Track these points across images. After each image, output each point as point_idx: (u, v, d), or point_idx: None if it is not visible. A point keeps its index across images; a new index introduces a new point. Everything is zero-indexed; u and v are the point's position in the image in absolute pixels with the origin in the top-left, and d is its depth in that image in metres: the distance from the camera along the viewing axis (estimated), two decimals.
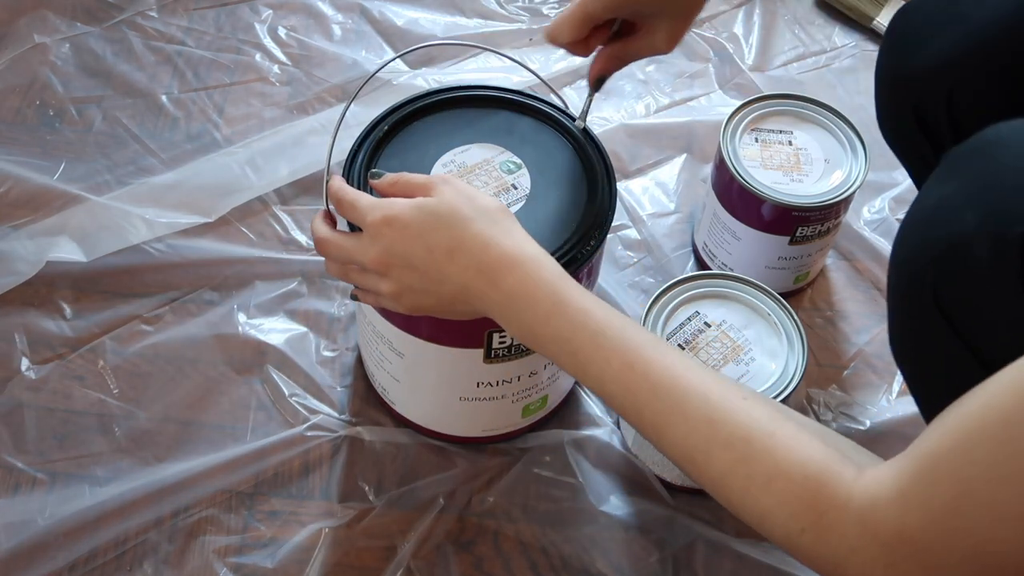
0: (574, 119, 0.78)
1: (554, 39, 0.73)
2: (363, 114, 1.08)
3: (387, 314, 0.76)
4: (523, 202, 0.74)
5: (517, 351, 0.76)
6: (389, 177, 0.69)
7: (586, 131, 0.78)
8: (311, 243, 1.00)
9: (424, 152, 0.76)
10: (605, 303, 0.62)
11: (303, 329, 0.94)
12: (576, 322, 0.61)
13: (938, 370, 0.55)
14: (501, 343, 0.75)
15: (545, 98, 0.80)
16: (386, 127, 0.77)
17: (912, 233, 0.54)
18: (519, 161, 0.76)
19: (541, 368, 0.80)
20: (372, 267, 0.66)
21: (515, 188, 0.75)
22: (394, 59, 0.79)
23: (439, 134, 0.77)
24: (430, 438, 0.87)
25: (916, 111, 0.72)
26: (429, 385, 0.82)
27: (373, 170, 0.71)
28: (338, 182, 0.70)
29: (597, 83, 0.77)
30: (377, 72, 0.75)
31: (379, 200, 0.66)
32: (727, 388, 0.58)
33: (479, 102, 0.80)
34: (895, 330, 0.58)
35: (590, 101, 0.78)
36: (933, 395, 0.57)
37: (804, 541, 0.53)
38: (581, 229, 0.72)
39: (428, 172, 0.75)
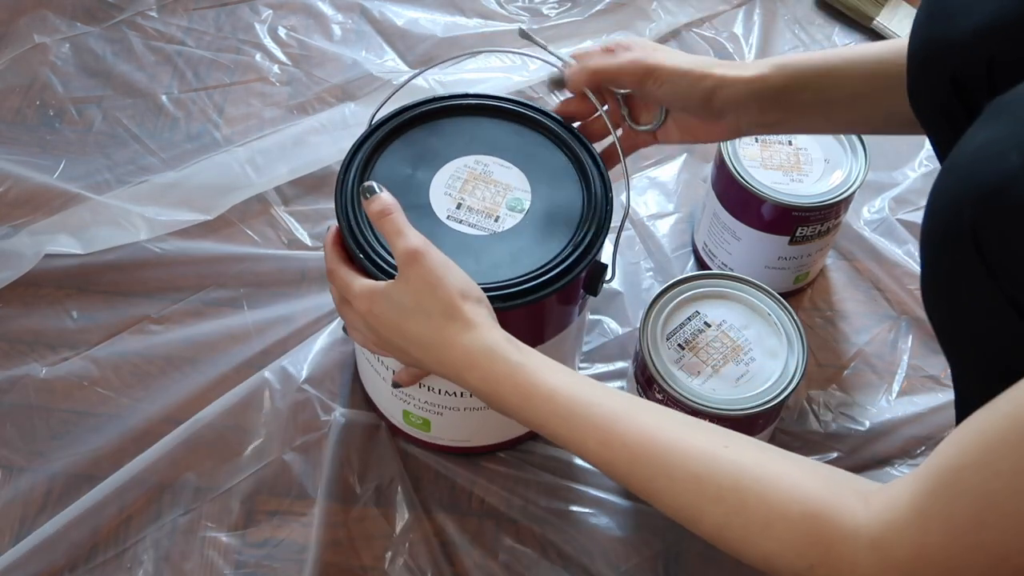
0: (572, 131, 0.78)
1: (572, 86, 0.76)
2: (363, 114, 1.09)
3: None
4: (522, 215, 0.74)
5: None
6: (376, 208, 0.68)
7: (588, 146, 0.78)
8: (312, 242, 1.00)
9: (423, 163, 0.76)
10: (571, 374, 0.63)
11: (303, 329, 0.94)
12: (545, 410, 0.62)
13: (969, 316, 0.54)
14: None
15: (544, 109, 0.80)
16: (381, 135, 0.77)
17: (951, 175, 0.53)
18: (518, 171, 0.76)
19: None
20: (370, 342, 0.70)
21: (514, 200, 0.75)
22: (444, 62, 0.80)
23: (437, 144, 0.77)
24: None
25: (954, 80, 0.72)
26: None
27: (365, 184, 0.69)
28: (332, 253, 0.71)
29: (556, 83, 0.78)
30: (409, 81, 0.75)
31: (359, 284, 0.68)
32: (706, 438, 0.58)
33: (477, 111, 0.80)
34: (928, 279, 0.56)
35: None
36: (965, 349, 0.56)
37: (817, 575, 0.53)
38: (576, 241, 0.73)
39: (429, 186, 0.75)
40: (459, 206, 0.74)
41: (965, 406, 0.64)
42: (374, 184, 0.69)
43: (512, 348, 0.64)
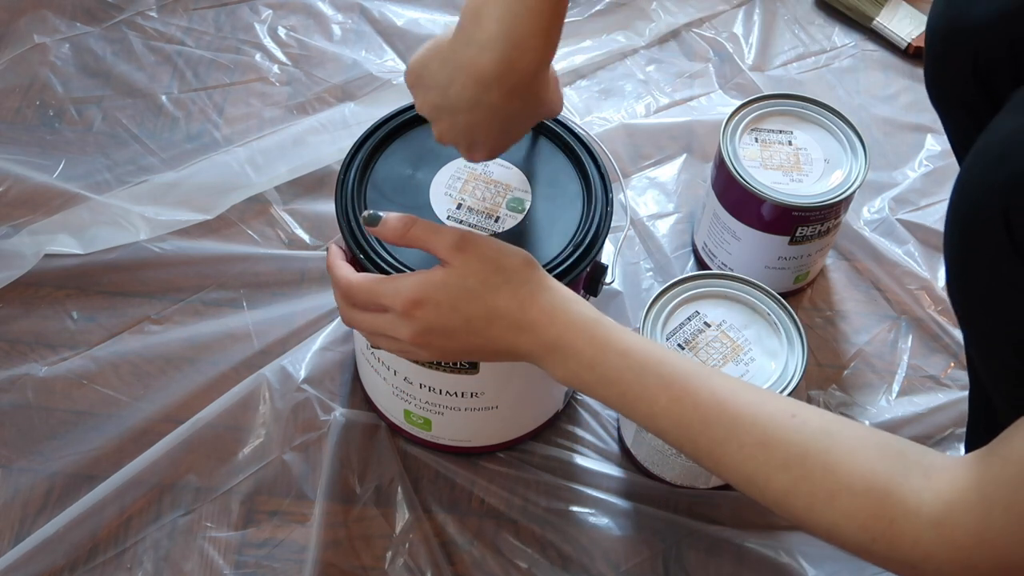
0: (572, 131, 0.78)
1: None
2: (364, 113, 1.09)
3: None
4: (522, 215, 0.74)
5: None
6: (397, 224, 0.66)
7: (584, 143, 0.78)
8: (312, 241, 1.00)
9: (423, 163, 0.76)
10: (643, 338, 0.63)
11: (303, 329, 0.94)
12: (619, 365, 0.61)
13: (997, 302, 0.54)
14: None
15: None
16: (381, 135, 0.77)
17: (982, 160, 0.53)
18: (518, 171, 0.76)
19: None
20: (407, 341, 0.65)
21: (515, 200, 0.75)
22: None
23: (437, 144, 0.78)
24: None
25: (975, 61, 0.72)
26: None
27: (367, 213, 0.67)
28: (344, 270, 0.68)
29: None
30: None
31: (398, 280, 0.64)
32: (776, 406, 0.58)
33: None
34: (954, 262, 0.56)
35: None
36: (990, 334, 0.56)
37: (877, 550, 0.53)
38: (576, 241, 0.73)
39: (429, 186, 0.75)
40: (459, 206, 0.74)
41: (981, 394, 0.64)
42: (372, 211, 0.67)
43: (586, 305, 0.64)
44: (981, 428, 0.59)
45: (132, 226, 0.99)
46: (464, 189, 0.75)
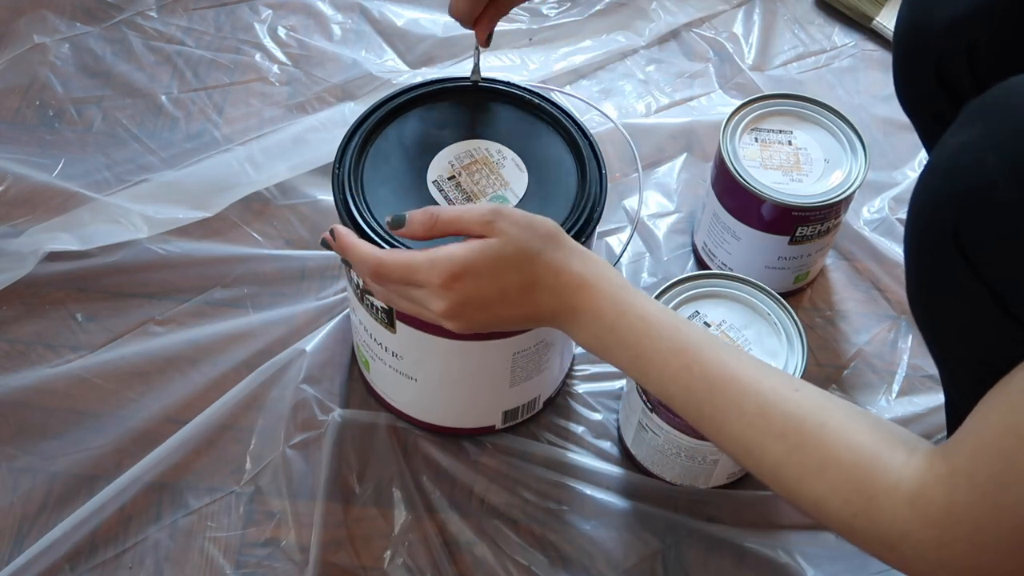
0: (568, 114, 0.78)
1: (457, 17, 0.76)
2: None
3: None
4: (519, 198, 0.74)
5: None
6: (423, 218, 0.66)
7: (582, 130, 0.78)
8: (312, 239, 1.00)
9: (415, 150, 0.76)
10: (661, 305, 0.65)
11: (303, 328, 0.94)
12: (637, 328, 0.63)
13: (957, 318, 0.55)
14: None
15: (538, 90, 0.80)
16: (372, 123, 0.77)
17: (932, 178, 0.54)
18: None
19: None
20: (440, 315, 0.65)
21: (511, 182, 0.75)
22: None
23: (428, 129, 0.78)
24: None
25: (937, 67, 0.72)
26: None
27: (390, 217, 0.66)
28: (368, 248, 0.67)
29: (487, 40, 0.77)
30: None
31: (434, 255, 0.64)
32: (779, 380, 0.60)
33: (469, 95, 0.80)
34: (912, 279, 0.58)
35: (479, 56, 0.79)
36: (951, 348, 0.57)
37: (858, 526, 0.54)
38: (572, 218, 0.73)
39: (425, 173, 0.75)
40: (452, 178, 0.75)
41: (953, 406, 0.65)
42: (395, 214, 0.66)
43: (610, 268, 0.66)
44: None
45: (132, 224, 0.99)
46: (467, 168, 0.76)
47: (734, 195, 0.91)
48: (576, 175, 0.76)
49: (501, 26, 1.18)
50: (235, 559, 0.82)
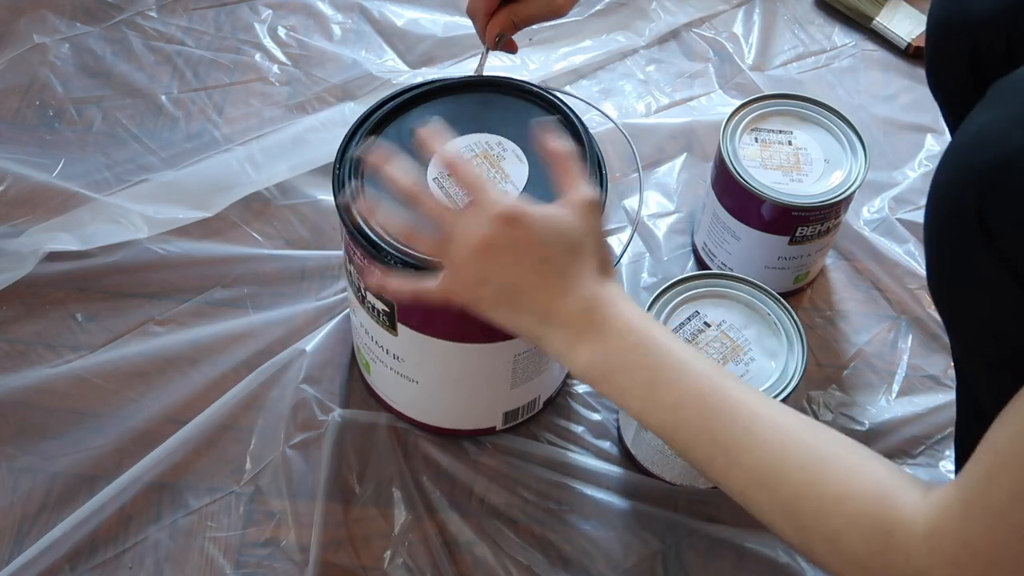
0: (571, 108, 0.78)
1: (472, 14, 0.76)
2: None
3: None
4: (519, 190, 0.74)
5: None
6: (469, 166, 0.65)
7: (584, 128, 0.78)
8: (314, 240, 1.00)
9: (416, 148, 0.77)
10: (681, 340, 0.63)
11: (303, 328, 0.94)
12: (659, 351, 0.61)
13: (976, 298, 0.55)
14: None
15: (536, 85, 0.80)
16: (372, 123, 0.77)
17: (955, 155, 0.53)
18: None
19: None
20: (473, 249, 0.62)
21: (513, 177, 0.75)
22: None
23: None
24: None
25: (972, 57, 0.72)
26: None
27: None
28: (427, 190, 0.66)
29: (497, 40, 0.78)
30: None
31: (509, 191, 0.64)
32: (792, 414, 0.60)
33: (472, 90, 0.80)
34: (933, 260, 0.57)
35: (485, 57, 0.80)
36: (969, 329, 0.57)
37: (872, 565, 0.53)
38: None
39: (426, 170, 0.75)
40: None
41: (967, 389, 0.65)
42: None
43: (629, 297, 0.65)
44: (973, 433, 0.59)
45: (132, 224, 0.99)
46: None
47: (734, 195, 0.91)
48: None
49: None
50: (235, 559, 0.82)
